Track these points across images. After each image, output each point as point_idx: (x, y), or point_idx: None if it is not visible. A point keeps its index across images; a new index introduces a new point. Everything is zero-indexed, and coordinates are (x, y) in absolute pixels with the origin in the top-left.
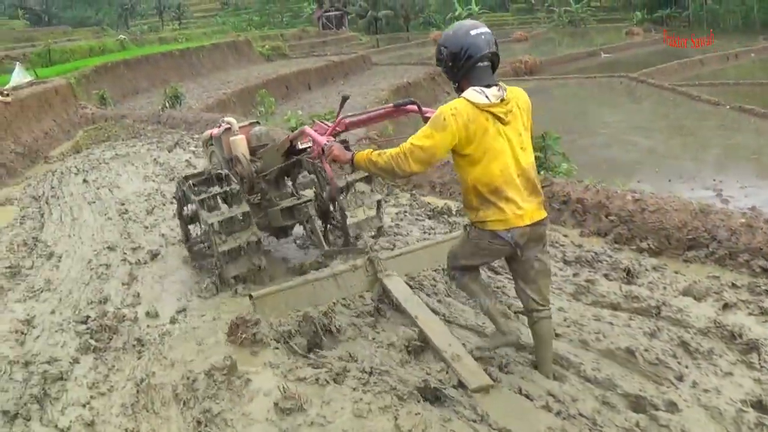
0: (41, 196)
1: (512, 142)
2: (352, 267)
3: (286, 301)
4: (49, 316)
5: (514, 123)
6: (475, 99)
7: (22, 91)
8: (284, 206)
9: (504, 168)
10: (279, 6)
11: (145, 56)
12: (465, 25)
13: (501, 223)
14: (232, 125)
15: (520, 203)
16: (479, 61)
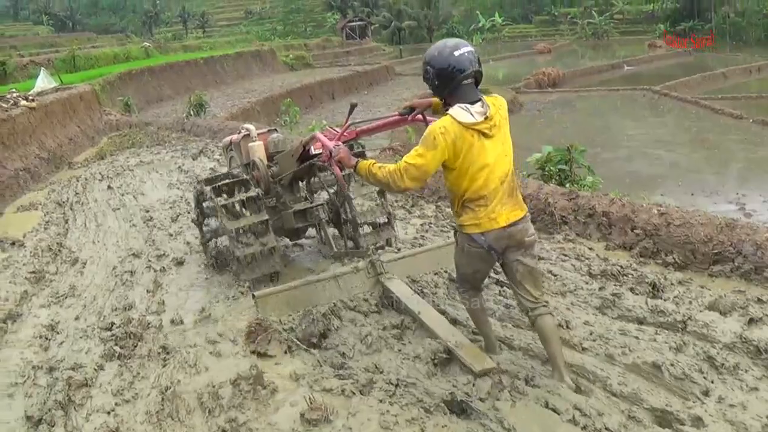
0: (65, 201)
1: (496, 153)
2: (354, 269)
3: (287, 301)
4: (74, 322)
5: (498, 135)
6: (462, 118)
7: (47, 96)
8: (297, 209)
9: (488, 178)
10: (303, 16)
11: (170, 64)
12: (449, 45)
13: (475, 226)
14: (250, 132)
15: (496, 207)
16: (464, 79)
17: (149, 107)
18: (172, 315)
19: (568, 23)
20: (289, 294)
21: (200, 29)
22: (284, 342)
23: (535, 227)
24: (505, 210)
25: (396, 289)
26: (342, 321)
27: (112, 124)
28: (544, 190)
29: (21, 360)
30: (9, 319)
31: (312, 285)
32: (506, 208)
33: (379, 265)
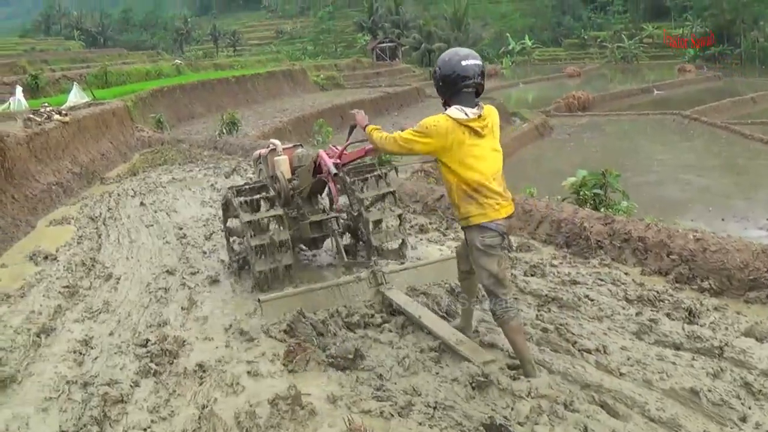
0: (98, 216)
1: (487, 152)
2: (356, 278)
3: (290, 306)
4: (108, 337)
5: (489, 136)
6: (455, 115)
7: (80, 111)
8: (313, 220)
9: (482, 172)
10: (333, 36)
11: (201, 81)
12: (459, 53)
13: (483, 216)
14: (276, 146)
15: (499, 199)
16: (465, 87)
17: (181, 124)
18: (207, 333)
19: (597, 47)
20: (292, 299)
21: (231, 48)
22: (322, 362)
23: (570, 251)
24: (504, 203)
25: (395, 297)
26: (379, 342)
27: (145, 140)
28: (579, 215)
29: (55, 374)
30: (43, 332)
31: (314, 292)
32: (505, 202)
33: (380, 276)
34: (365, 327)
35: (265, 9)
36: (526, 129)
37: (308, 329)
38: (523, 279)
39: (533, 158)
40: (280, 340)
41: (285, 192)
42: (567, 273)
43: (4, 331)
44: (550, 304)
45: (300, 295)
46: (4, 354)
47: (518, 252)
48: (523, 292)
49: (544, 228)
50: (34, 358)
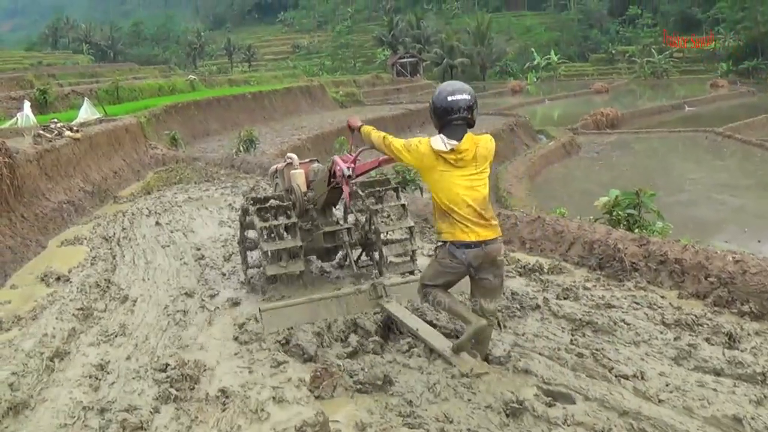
0: (112, 237)
1: (462, 181)
2: (357, 290)
3: (290, 316)
4: (125, 362)
5: (469, 167)
6: (434, 144)
7: (92, 128)
8: (326, 230)
9: (451, 198)
10: (352, 51)
11: (217, 98)
12: (448, 89)
13: (450, 235)
14: (293, 160)
15: (469, 225)
16: (453, 120)
17: (196, 142)
18: (229, 357)
19: (626, 62)
20: (293, 309)
21: (246, 63)
22: (350, 388)
23: (604, 274)
24: (477, 228)
25: (395, 310)
26: (408, 367)
27: (159, 158)
28: (613, 236)
29: (70, 400)
30: (56, 357)
31: (315, 303)
32: (479, 229)
33: (380, 289)
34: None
35: (281, 23)
36: (553, 147)
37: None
38: (556, 302)
39: (561, 177)
40: (307, 365)
41: (300, 203)
42: (601, 296)
43: (16, 355)
44: (584, 329)
45: (300, 305)
46: (16, 379)
47: (550, 274)
48: (557, 315)
49: (576, 249)
50: (48, 383)
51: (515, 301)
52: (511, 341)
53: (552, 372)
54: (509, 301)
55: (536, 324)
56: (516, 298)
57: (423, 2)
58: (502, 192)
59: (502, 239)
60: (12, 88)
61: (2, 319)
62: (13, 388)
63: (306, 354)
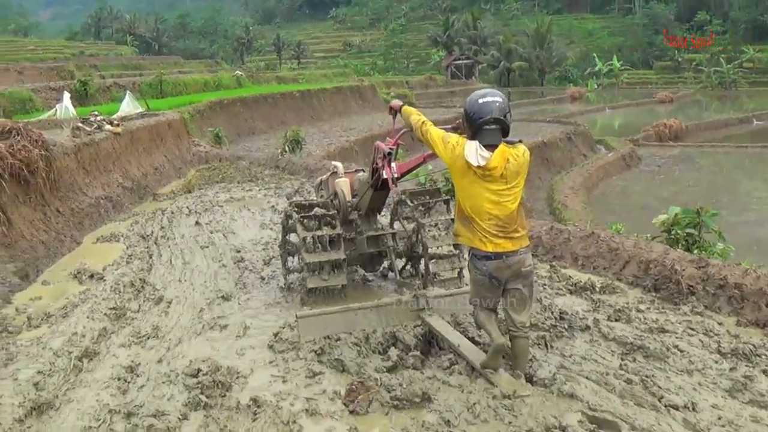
0: (150, 235)
1: (487, 194)
2: (397, 301)
3: (326, 325)
4: (156, 365)
5: (498, 182)
6: (468, 154)
7: (133, 122)
8: (370, 235)
9: (475, 208)
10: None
11: (263, 95)
12: (478, 93)
13: (468, 240)
14: (338, 169)
15: (487, 236)
16: (485, 124)
17: (240, 140)
18: (264, 365)
19: (692, 70)
20: (330, 318)
21: (295, 60)
22: (386, 404)
23: (659, 296)
24: (496, 240)
25: (436, 324)
26: (448, 385)
27: (201, 155)
28: (670, 256)
29: (97, 402)
30: (85, 357)
31: (352, 312)
32: (499, 240)
33: (422, 301)
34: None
35: (333, 20)
36: (612, 159)
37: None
38: (607, 324)
39: (619, 191)
40: (343, 377)
41: (344, 209)
42: (655, 319)
43: (43, 354)
44: (635, 353)
45: (338, 314)
46: (42, 378)
47: (602, 294)
48: (606, 338)
49: (630, 268)
50: (75, 383)
51: (563, 321)
52: (557, 363)
53: (598, 398)
54: (557, 320)
55: (584, 346)
56: (565, 317)
57: (480, 2)
58: (557, 204)
59: (529, 250)
60: (52, 78)
61: (32, 316)
62: (39, 387)
63: (343, 366)
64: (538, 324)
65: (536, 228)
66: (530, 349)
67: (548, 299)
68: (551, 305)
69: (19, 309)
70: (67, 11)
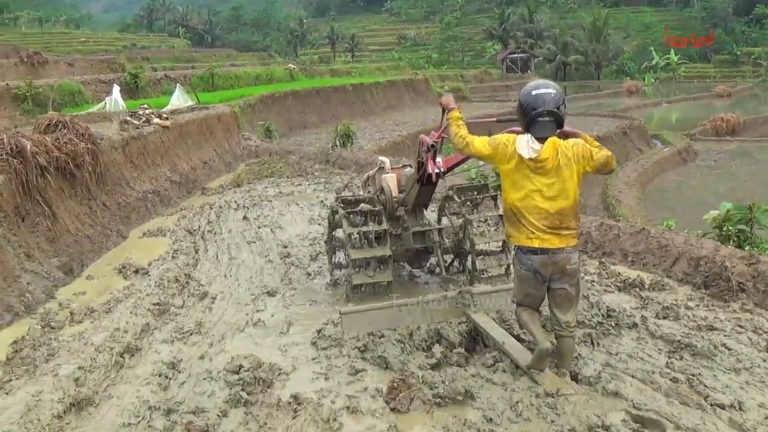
0: (197, 230)
1: (538, 187)
2: (443, 297)
3: (371, 321)
4: (198, 361)
5: (550, 175)
6: (520, 147)
7: (183, 115)
8: (416, 230)
9: (524, 203)
10: (460, 44)
11: (316, 89)
12: (531, 84)
13: (514, 239)
14: (385, 164)
15: (534, 231)
16: (539, 116)
17: (291, 134)
18: (306, 361)
19: (751, 64)
20: (374, 314)
21: (349, 53)
22: (428, 402)
23: (708, 293)
24: (544, 236)
25: (481, 321)
26: (492, 383)
27: (251, 150)
28: (720, 252)
29: (137, 398)
30: (127, 352)
31: (396, 308)
32: (547, 236)
33: (468, 297)
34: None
35: (388, 12)
36: (668, 154)
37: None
38: (654, 321)
39: (674, 186)
40: (385, 374)
41: (390, 204)
42: (703, 317)
43: (85, 349)
44: (682, 351)
45: (381, 310)
46: (83, 374)
47: (651, 291)
48: (654, 335)
49: (680, 265)
50: (115, 379)
51: (611, 318)
52: (602, 361)
53: (643, 396)
54: (604, 318)
55: (631, 344)
56: (612, 315)
57: None
58: (611, 199)
59: (576, 249)
60: (102, 71)
61: (75, 311)
62: (79, 383)
63: (386, 363)
64: (585, 321)
65: (586, 224)
66: (576, 346)
67: (596, 296)
68: (599, 302)
69: (62, 304)
70: (119, 3)
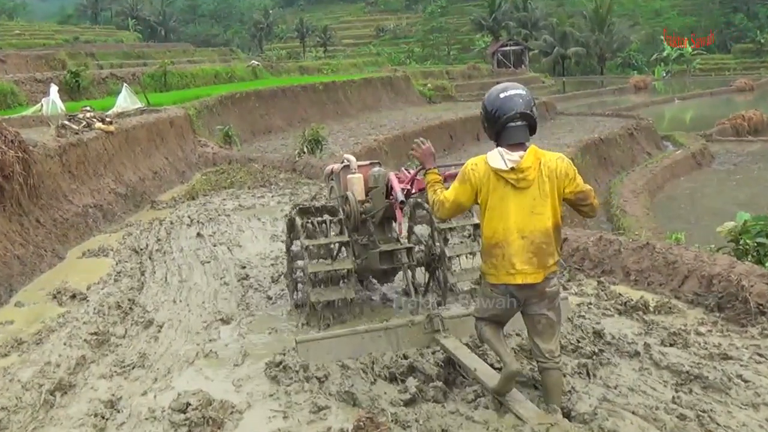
0: (144, 249)
1: (522, 206)
2: (410, 322)
3: (330, 349)
4: (140, 398)
5: (532, 189)
6: (492, 162)
7: (129, 119)
8: (382, 249)
9: (506, 228)
10: (446, 37)
11: (282, 88)
12: (499, 87)
13: (493, 277)
14: (350, 163)
15: (516, 264)
16: (510, 120)
17: (254, 139)
18: (263, 398)
19: None
20: (334, 342)
21: (321, 47)
22: None
23: (723, 316)
24: (526, 269)
25: (452, 347)
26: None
27: (208, 157)
28: (736, 270)
29: None
30: (58, 390)
31: (359, 335)
32: (527, 267)
33: (437, 322)
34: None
35: (364, 2)
36: (680, 157)
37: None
38: (660, 349)
39: (687, 194)
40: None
41: (355, 215)
42: (716, 344)
43: (10, 387)
44: (691, 384)
45: (342, 338)
46: (6, 416)
47: (656, 314)
48: (659, 366)
49: (690, 284)
50: (44, 421)
51: (610, 346)
52: (599, 395)
53: None
54: (603, 344)
55: (633, 375)
56: (611, 342)
57: None
58: (615, 209)
59: (556, 274)
60: (39, 68)
61: (0, 342)
62: (1, 426)
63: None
64: (579, 350)
65: (582, 239)
66: (568, 378)
67: (593, 321)
68: (596, 328)
69: None
70: None
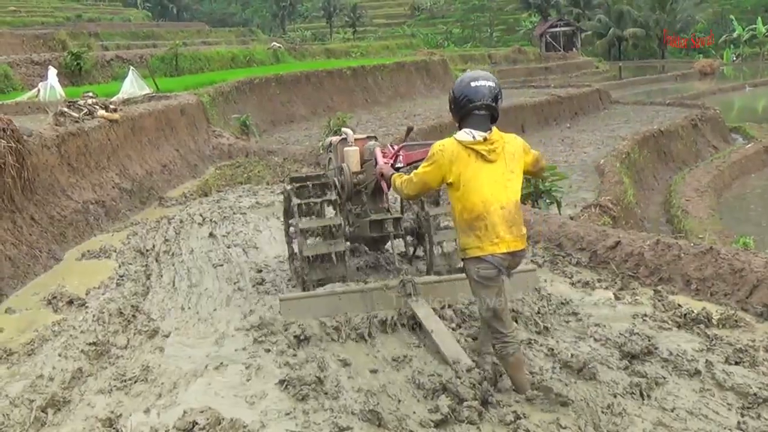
0: (150, 250)
1: (495, 178)
2: (384, 286)
3: (310, 308)
4: (142, 416)
5: (500, 162)
6: (462, 138)
7: (136, 106)
8: (373, 219)
9: (485, 200)
10: (488, 17)
11: (306, 73)
12: (470, 75)
13: (478, 249)
14: (348, 136)
15: (500, 232)
16: (475, 109)
17: (274, 129)
18: (278, 416)
19: None
20: (313, 301)
21: (349, 28)
22: None
23: None
24: (508, 237)
25: (418, 309)
26: None
27: (223, 149)
28: None
29: None
30: (51, 406)
31: (336, 296)
32: (509, 236)
33: (409, 287)
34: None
35: None
36: (752, 151)
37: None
38: (724, 368)
39: (758, 193)
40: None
41: (348, 186)
42: None
43: None
44: (759, 408)
45: (321, 298)
46: None
47: (720, 328)
48: (722, 387)
49: (759, 295)
50: None
51: (667, 363)
52: (654, 419)
53: None
54: (660, 362)
55: (692, 396)
56: (669, 359)
57: None
58: (676, 210)
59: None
60: (37, 49)
61: None
62: None
63: (379, 419)
64: (632, 367)
65: (637, 242)
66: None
67: (648, 334)
68: (652, 342)
69: None
70: None
